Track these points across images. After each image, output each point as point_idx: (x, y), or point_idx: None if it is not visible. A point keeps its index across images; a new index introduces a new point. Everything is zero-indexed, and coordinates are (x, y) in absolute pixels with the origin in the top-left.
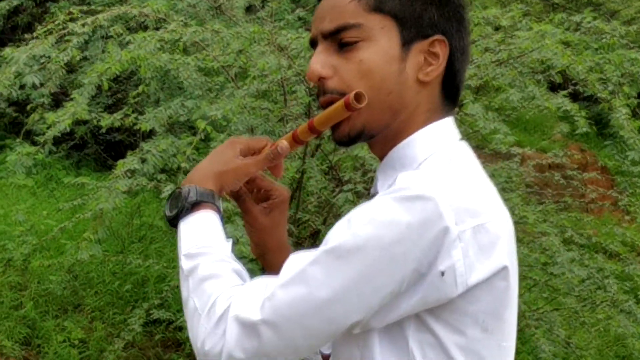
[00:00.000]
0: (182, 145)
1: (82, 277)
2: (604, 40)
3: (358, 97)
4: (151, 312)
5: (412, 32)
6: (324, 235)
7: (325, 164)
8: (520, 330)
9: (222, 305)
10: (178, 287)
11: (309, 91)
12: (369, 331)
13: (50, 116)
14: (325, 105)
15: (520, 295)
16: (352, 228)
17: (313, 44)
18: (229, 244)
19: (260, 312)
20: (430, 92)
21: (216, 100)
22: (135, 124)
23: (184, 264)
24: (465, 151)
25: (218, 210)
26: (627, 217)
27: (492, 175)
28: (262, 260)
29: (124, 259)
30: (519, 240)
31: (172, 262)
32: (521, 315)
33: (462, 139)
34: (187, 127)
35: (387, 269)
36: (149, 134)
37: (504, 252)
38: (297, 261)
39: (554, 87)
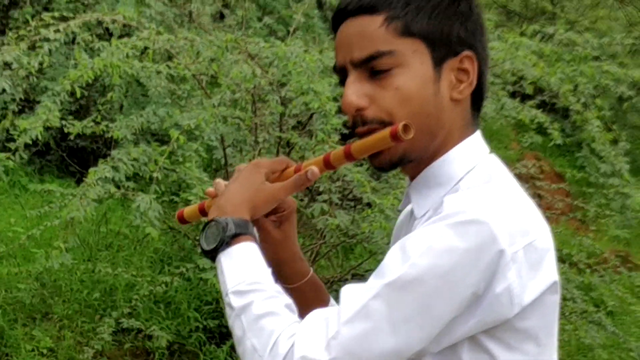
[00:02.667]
0: (154, 153)
1: (50, 285)
2: (574, 52)
3: (405, 128)
4: (120, 321)
5: (442, 51)
6: None
7: None
8: None
9: (285, 345)
10: (147, 296)
11: (281, 100)
12: (422, 356)
13: (23, 123)
14: (362, 135)
15: None
16: (410, 259)
17: (340, 71)
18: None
19: (327, 351)
20: (463, 108)
21: (185, 109)
22: (106, 132)
23: (235, 301)
24: (499, 165)
25: (255, 240)
26: (592, 228)
27: None
28: (276, 274)
29: (93, 267)
30: None
31: (141, 270)
32: None
33: (491, 151)
34: (150, 134)
35: (446, 296)
36: (114, 142)
37: (552, 266)
38: (357, 296)
39: (515, 97)
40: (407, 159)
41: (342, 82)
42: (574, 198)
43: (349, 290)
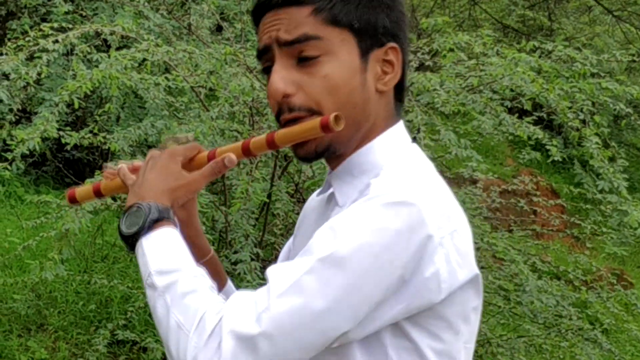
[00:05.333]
0: None
1: (46, 296)
2: (574, 68)
3: (337, 118)
4: (115, 332)
5: (368, 42)
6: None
7: (290, 186)
8: (479, 357)
9: (212, 320)
10: (142, 308)
11: None
12: (347, 344)
13: (20, 133)
14: (285, 123)
15: (485, 322)
16: (342, 236)
17: (264, 52)
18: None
19: (257, 324)
20: (387, 99)
21: (183, 121)
22: (104, 143)
23: (158, 280)
24: (421, 155)
25: (177, 226)
26: (588, 245)
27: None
28: None
29: (88, 279)
30: (489, 267)
31: (137, 282)
32: (486, 342)
33: (413, 141)
34: (147, 146)
35: (375, 276)
36: (110, 153)
37: (473, 257)
38: (289, 272)
39: (511, 112)
40: (332, 149)
41: (266, 70)
42: (570, 215)
43: (277, 269)
